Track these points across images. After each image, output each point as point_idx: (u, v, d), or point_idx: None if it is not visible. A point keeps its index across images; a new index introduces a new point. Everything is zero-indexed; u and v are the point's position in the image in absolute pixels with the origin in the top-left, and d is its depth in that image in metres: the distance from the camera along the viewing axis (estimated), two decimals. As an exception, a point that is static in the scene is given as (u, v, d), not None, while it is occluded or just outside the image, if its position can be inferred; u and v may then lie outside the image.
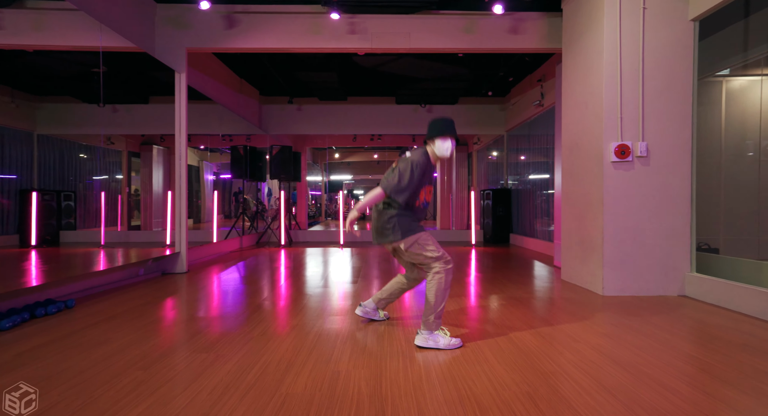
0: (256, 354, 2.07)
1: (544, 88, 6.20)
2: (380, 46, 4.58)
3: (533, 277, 4.25)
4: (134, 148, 9.66)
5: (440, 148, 2.23)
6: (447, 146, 2.22)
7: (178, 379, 1.77)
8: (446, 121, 2.27)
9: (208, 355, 2.04)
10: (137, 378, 1.78)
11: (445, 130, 2.23)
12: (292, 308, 2.99)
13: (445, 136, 2.22)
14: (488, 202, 8.22)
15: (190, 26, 4.53)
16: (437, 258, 2.24)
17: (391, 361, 1.98)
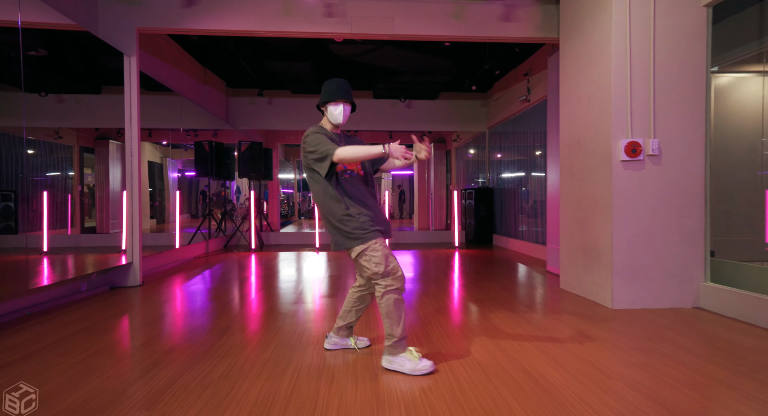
0: (216, 409, 1.60)
1: (531, 82, 5.92)
2: (360, 31, 4.13)
3: (528, 286, 3.94)
4: (87, 144, 8.78)
5: (332, 113, 2.07)
6: (339, 111, 2.05)
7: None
8: (339, 84, 2.08)
9: (150, 415, 1.56)
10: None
11: (336, 94, 2.05)
12: (264, 334, 2.52)
13: (337, 101, 2.05)
14: (470, 201, 7.93)
15: (142, 2, 3.93)
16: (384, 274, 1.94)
17: (391, 412, 1.56)
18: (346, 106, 2.08)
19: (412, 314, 2.93)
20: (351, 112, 2.13)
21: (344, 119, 2.07)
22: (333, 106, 2.06)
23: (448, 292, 3.64)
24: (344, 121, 2.09)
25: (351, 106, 2.11)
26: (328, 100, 2.06)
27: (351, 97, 2.10)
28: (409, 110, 8.09)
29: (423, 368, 1.90)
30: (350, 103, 2.10)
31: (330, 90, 2.08)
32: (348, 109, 2.09)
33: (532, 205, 6.13)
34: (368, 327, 2.65)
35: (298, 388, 1.78)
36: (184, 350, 2.24)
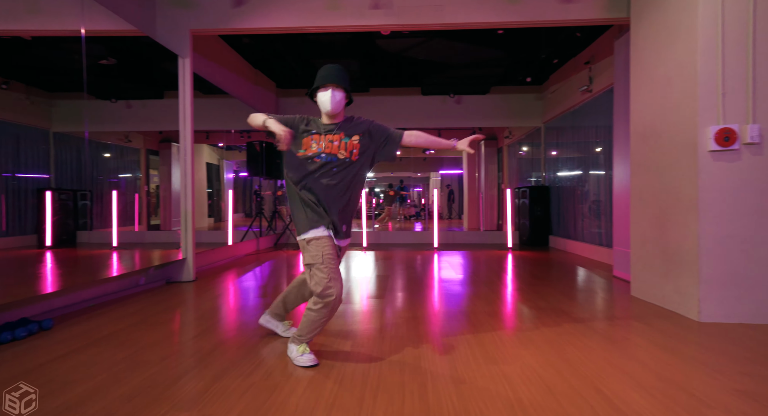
0: (256, 413, 1.51)
1: (594, 71, 5.44)
2: (408, 21, 3.97)
3: (593, 292, 3.57)
4: (152, 146, 9.37)
5: (319, 101, 1.93)
6: (326, 98, 1.89)
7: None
8: (327, 69, 1.92)
9: (190, 415, 1.50)
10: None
11: (321, 79, 1.91)
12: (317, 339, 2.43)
13: (325, 87, 1.90)
14: (524, 200, 7.50)
15: (194, 5, 4.03)
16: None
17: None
18: (335, 91, 1.89)
19: (463, 318, 2.72)
20: (347, 100, 1.96)
21: (333, 106, 1.89)
22: (321, 91, 1.91)
23: (502, 296, 3.38)
24: (334, 108, 1.90)
25: (344, 93, 1.92)
26: (315, 87, 1.93)
27: (343, 81, 1.90)
28: (459, 106, 7.81)
29: (306, 360, 1.91)
30: (341, 87, 1.90)
31: (318, 76, 1.93)
32: (338, 95, 1.89)
33: (595, 203, 5.64)
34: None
35: (340, 397, 1.65)
36: (230, 347, 2.19)
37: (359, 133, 1.97)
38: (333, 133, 1.93)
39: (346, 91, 1.93)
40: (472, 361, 1.99)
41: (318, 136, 1.93)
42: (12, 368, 1.94)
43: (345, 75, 1.93)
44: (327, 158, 1.91)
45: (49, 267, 4.81)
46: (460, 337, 2.35)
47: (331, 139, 1.92)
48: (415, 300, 3.24)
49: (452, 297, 3.36)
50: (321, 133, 1.93)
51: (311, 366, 1.91)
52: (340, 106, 1.92)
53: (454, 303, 3.13)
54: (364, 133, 1.98)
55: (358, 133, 1.97)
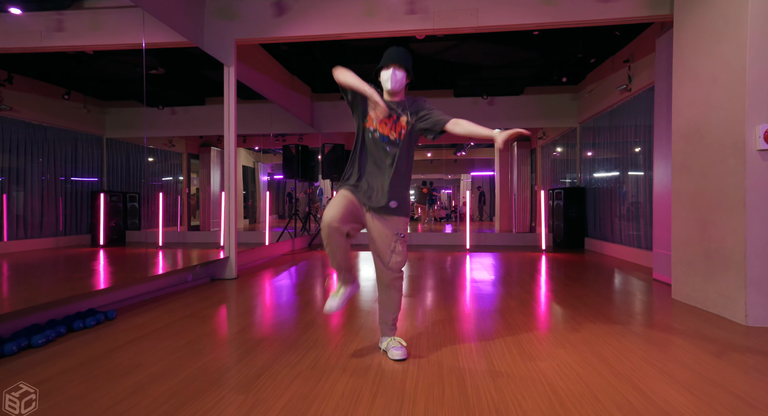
0: (305, 399, 1.63)
1: (633, 69, 5.31)
2: (443, 26, 4.03)
3: (632, 295, 3.50)
4: (193, 150, 9.86)
5: (382, 79, 2.03)
6: (387, 77, 2.00)
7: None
8: (389, 51, 2.03)
9: (245, 399, 1.63)
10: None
11: (385, 60, 2.00)
12: (347, 330, 2.54)
13: (387, 66, 2.00)
14: (559, 202, 7.37)
15: (238, 16, 4.26)
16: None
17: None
18: (397, 70, 1.98)
19: (498, 317, 2.75)
20: (409, 80, 2.05)
21: (393, 84, 1.99)
22: (383, 71, 2.02)
23: (537, 297, 3.37)
24: (394, 86, 2.00)
25: (405, 72, 2.01)
26: (379, 66, 2.02)
27: (404, 61, 1.99)
28: (492, 107, 7.78)
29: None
30: (403, 67, 1.99)
31: (382, 58, 2.03)
32: (400, 74, 1.99)
33: (634, 205, 5.49)
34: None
35: (383, 386, 1.74)
36: (275, 340, 2.33)
37: (408, 115, 2.05)
38: (389, 116, 2.02)
39: (407, 71, 2.02)
40: (508, 357, 2.04)
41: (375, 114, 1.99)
42: (89, 351, 2.15)
43: (408, 56, 2.03)
44: (381, 138, 2.03)
45: (104, 265, 5.18)
46: (496, 336, 2.39)
47: (386, 122, 2.03)
48: (449, 300, 3.30)
49: (486, 297, 3.39)
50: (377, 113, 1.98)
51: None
52: (401, 85, 2.01)
53: (489, 303, 3.16)
54: (413, 114, 2.05)
55: (408, 115, 2.05)
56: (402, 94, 2.09)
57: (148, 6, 3.54)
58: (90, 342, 2.31)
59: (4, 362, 2.01)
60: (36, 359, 2.05)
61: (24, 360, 2.03)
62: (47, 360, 2.04)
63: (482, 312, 2.92)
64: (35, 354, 2.13)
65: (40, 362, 2.01)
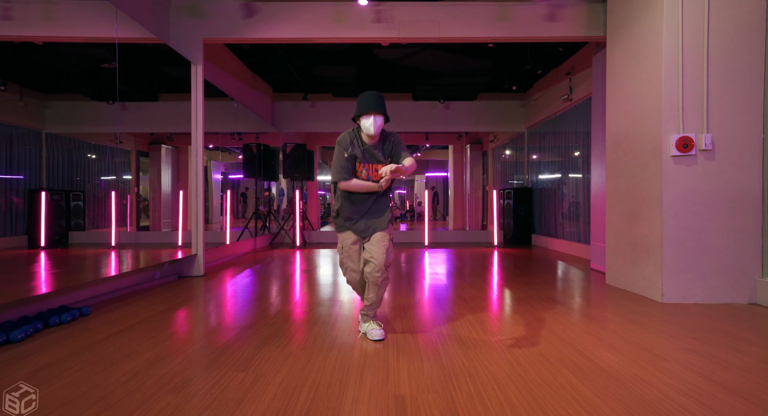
0: (301, 372, 1.82)
1: (574, 81, 5.91)
2: (407, 35, 4.32)
3: (574, 282, 3.98)
4: (143, 148, 9.46)
5: (363, 125, 2.25)
6: (368, 124, 2.22)
7: (218, 406, 1.52)
8: (368, 98, 2.24)
9: (246, 375, 1.79)
10: (171, 404, 1.53)
11: (366, 107, 2.22)
12: (325, 319, 2.74)
13: (368, 114, 2.21)
14: (509, 201, 7.94)
15: (207, 15, 4.29)
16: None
17: (458, 381, 1.72)
18: (377, 117, 2.21)
19: (461, 302, 3.07)
20: (385, 122, 2.28)
21: (375, 129, 2.21)
22: (365, 118, 2.22)
23: (494, 286, 3.75)
24: (376, 132, 2.22)
25: (383, 117, 2.24)
26: (360, 113, 2.24)
27: (382, 108, 2.23)
28: (448, 111, 8.22)
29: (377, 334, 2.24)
30: (382, 114, 2.23)
31: (362, 104, 2.23)
32: (379, 120, 2.22)
33: (573, 204, 6.10)
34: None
35: (369, 359, 1.96)
36: (259, 328, 2.48)
37: (390, 155, 2.35)
38: (378, 162, 2.30)
39: (385, 116, 2.26)
40: (473, 334, 2.34)
41: (369, 165, 2.30)
42: (74, 343, 2.19)
43: (383, 101, 2.26)
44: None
45: (53, 266, 4.95)
46: (461, 317, 2.69)
47: (376, 168, 2.31)
48: (417, 289, 3.58)
49: (448, 286, 3.71)
50: (369, 161, 2.30)
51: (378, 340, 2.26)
52: (380, 129, 2.26)
53: (452, 291, 3.48)
54: (391, 156, 2.36)
55: (389, 156, 2.35)
56: (379, 135, 2.31)
57: (117, 0, 3.51)
58: (71, 335, 2.33)
59: (-13, 357, 2.01)
60: (19, 352, 2.07)
61: (6, 355, 2.04)
62: (32, 353, 2.06)
63: (447, 299, 3.22)
64: (16, 348, 2.13)
65: (26, 354, 2.03)
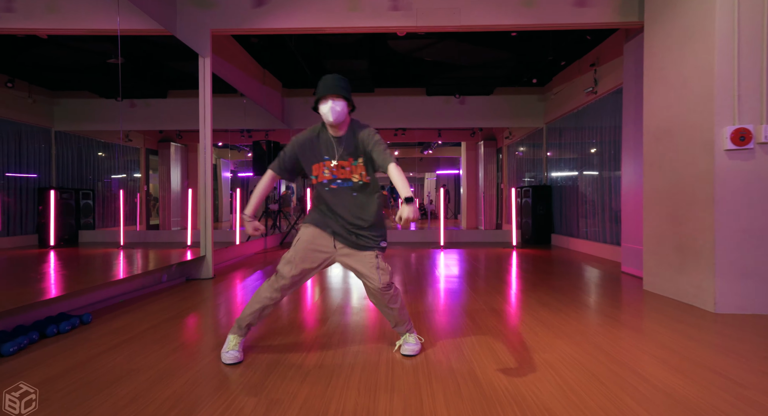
0: (321, 398, 1.59)
1: (599, 72, 5.60)
2: (425, 23, 4.06)
3: (607, 287, 3.69)
4: (152, 146, 9.34)
5: (321, 112, 1.90)
6: (326, 110, 1.87)
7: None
8: (325, 80, 1.90)
9: (258, 401, 1.56)
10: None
11: (322, 91, 1.88)
12: (343, 329, 2.50)
13: (325, 98, 1.87)
14: (527, 199, 7.65)
15: (215, 5, 4.08)
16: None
17: (505, 412, 1.47)
18: (335, 101, 1.84)
19: (490, 311, 2.81)
20: (351, 109, 1.93)
21: (334, 116, 1.85)
22: (322, 104, 1.87)
23: (522, 291, 3.48)
24: (335, 119, 1.86)
25: (344, 102, 1.87)
26: (317, 98, 1.89)
27: (342, 91, 1.86)
28: (463, 106, 7.94)
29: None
30: (342, 97, 1.86)
31: (318, 88, 1.89)
32: (339, 104, 1.85)
33: (599, 202, 5.79)
34: (449, 323, 2.56)
35: (397, 380, 1.73)
36: (271, 340, 2.26)
37: (362, 155, 1.95)
38: (343, 158, 1.93)
39: (347, 100, 1.89)
40: (510, 349, 2.09)
41: (330, 162, 1.94)
42: (70, 357, 1.98)
43: (344, 84, 1.90)
44: (343, 183, 1.95)
45: (61, 267, 4.80)
46: (493, 329, 2.44)
47: (342, 165, 1.93)
48: (438, 295, 3.33)
49: (474, 292, 3.45)
50: (332, 158, 1.93)
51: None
52: (342, 116, 1.88)
53: (479, 298, 3.22)
54: (369, 151, 1.94)
55: (361, 155, 1.95)
56: (346, 124, 1.94)
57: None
58: (69, 347, 2.13)
59: (-27, 374, 1.82)
60: (11, 368, 1.87)
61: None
62: (24, 368, 1.86)
63: (473, 306, 2.97)
64: (7, 363, 1.93)
65: (16, 371, 1.84)
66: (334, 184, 1.95)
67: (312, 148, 1.96)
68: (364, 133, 1.94)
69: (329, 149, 1.94)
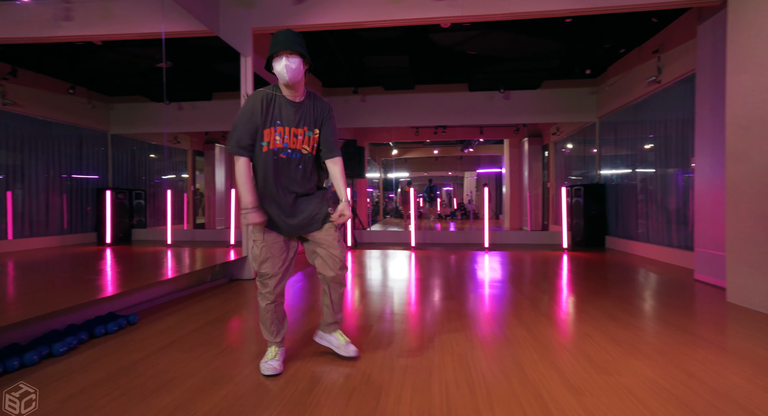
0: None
1: (663, 60, 5.10)
2: (473, 12, 3.82)
3: (681, 297, 3.30)
4: (198, 147, 9.65)
5: (276, 71, 1.74)
6: (280, 67, 1.71)
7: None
8: (277, 37, 1.73)
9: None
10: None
11: (275, 47, 1.72)
12: (388, 339, 2.34)
13: (279, 55, 1.72)
14: (578, 199, 7.17)
15: (256, 4, 4.05)
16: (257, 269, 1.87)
17: None
18: (290, 57, 1.70)
19: (548, 322, 2.55)
20: (307, 68, 1.79)
21: (291, 74, 1.70)
22: (275, 62, 1.73)
23: (583, 300, 3.18)
24: (292, 77, 1.71)
25: (300, 59, 1.73)
26: (270, 55, 1.74)
27: (298, 46, 1.72)
28: (508, 101, 7.57)
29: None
30: (298, 53, 1.72)
31: (271, 45, 1.74)
32: (294, 61, 1.70)
33: (663, 201, 5.29)
34: (505, 335, 2.34)
35: (453, 402, 1.54)
36: (311, 349, 2.13)
37: (318, 127, 1.87)
38: (298, 126, 1.81)
39: (302, 56, 1.74)
40: (581, 370, 1.84)
41: (282, 128, 1.79)
42: (115, 361, 1.96)
43: (299, 39, 1.76)
44: (292, 154, 1.82)
45: (117, 264, 4.98)
46: (556, 344, 2.19)
47: (296, 132, 1.81)
48: (492, 301, 3.10)
49: (528, 299, 3.19)
50: (285, 124, 1.79)
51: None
52: (299, 74, 1.74)
53: (536, 307, 2.96)
54: (321, 128, 1.88)
55: (318, 127, 1.87)
56: (302, 86, 1.81)
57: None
58: (115, 350, 2.11)
59: (26, 373, 1.82)
60: (59, 370, 1.86)
61: (47, 371, 1.84)
62: (72, 371, 1.85)
63: (530, 317, 2.72)
64: (58, 363, 1.93)
65: (64, 373, 1.82)
66: (283, 154, 1.80)
67: (265, 111, 1.77)
68: (326, 106, 1.89)
69: (284, 114, 1.79)
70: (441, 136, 10.86)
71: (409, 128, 10.25)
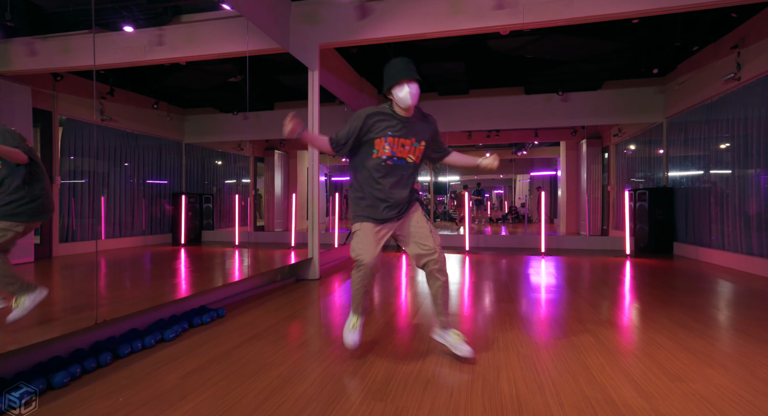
0: (446, 410, 1.56)
1: (743, 55, 4.78)
2: (534, 19, 3.85)
3: (762, 309, 3.11)
4: (259, 153, 10.29)
5: (398, 98, 1.96)
6: (404, 93, 1.94)
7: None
8: (400, 64, 1.98)
9: (385, 406, 1.59)
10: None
11: (398, 75, 1.94)
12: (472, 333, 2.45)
13: (400, 83, 1.94)
14: (642, 203, 6.83)
15: (323, 20, 4.33)
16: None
17: None
18: (412, 85, 1.94)
19: (614, 329, 2.54)
20: (420, 89, 1.99)
21: (413, 100, 1.95)
22: (397, 89, 1.96)
23: (651, 307, 3.09)
24: (414, 101, 1.96)
25: (418, 85, 1.97)
26: (394, 82, 1.96)
27: (417, 75, 1.97)
28: (566, 104, 7.38)
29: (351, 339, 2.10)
30: (415, 80, 1.95)
31: (393, 72, 1.97)
32: (414, 87, 1.95)
33: (742, 206, 4.93)
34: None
35: (524, 403, 1.63)
36: (384, 345, 2.29)
37: (425, 140, 2.10)
38: (406, 136, 2.03)
39: (419, 83, 1.98)
40: (650, 375, 1.85)
41: (392, 139, 2.02)
42: (213, 348, 2.24)
43: (413, 66, 2.01)
44: (398, 161, 2.05)
45: (195, 263, 5.49)
46: (625, 351, 2.20)
47: (403, 143, 2.03)
48: (553, 307, 3.11)
49: (590, 305, 3.16)
50: (396, 135, 2.02)
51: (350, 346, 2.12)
52: (417, 98, 1.98)
53: (597, 311, 2.94)
54: (428, 141, 2.12)
55: (425, 140, 2.10)
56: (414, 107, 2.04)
57: (250, 15, 3.68)
58: (211, 338, 2.40)
59: (146, 354, 2.14)
60: (171, 353, 2.16)
61: (161, 354, 2.15)
62: (182, 354, 2.15)
63: (594, 319, 2.72)
64: (168, 347, 2.25)
65: (176, 356, 2.12)
66: (391, 161, 2.04)
67: (379, 122, 2.02)
68: (435, 123, 2.16)
69: (395, 127, 2.02)
70: (494, 140, 10.74)
71: (461, 132, 10.26)
